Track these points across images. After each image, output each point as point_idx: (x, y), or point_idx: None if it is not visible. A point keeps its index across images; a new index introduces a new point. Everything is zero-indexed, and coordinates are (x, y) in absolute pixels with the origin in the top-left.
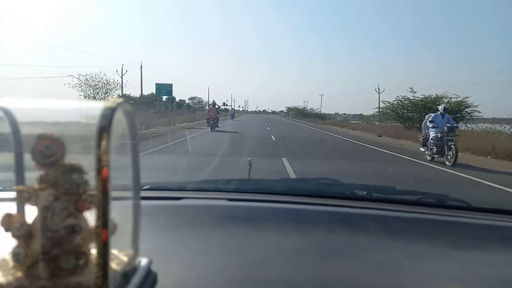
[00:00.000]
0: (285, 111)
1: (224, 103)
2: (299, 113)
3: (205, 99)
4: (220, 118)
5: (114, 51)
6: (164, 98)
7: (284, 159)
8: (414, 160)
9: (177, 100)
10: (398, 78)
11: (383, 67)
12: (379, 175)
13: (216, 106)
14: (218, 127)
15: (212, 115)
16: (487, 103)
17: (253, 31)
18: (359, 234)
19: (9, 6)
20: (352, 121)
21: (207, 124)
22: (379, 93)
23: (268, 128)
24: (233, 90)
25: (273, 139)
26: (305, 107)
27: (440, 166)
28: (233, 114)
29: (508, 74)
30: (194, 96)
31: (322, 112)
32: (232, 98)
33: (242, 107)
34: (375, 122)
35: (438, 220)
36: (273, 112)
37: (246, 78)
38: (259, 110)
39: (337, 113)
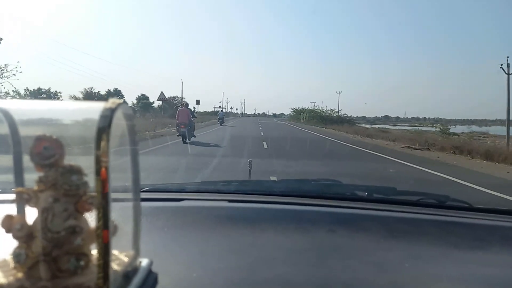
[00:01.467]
0: (288, 113)
1: (196, 103)
2: (315, 117)
3: (185, 98)
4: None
5: (107, 52)
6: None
7: None
8: None
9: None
10: (397, 78)
11: (383, 67)
12: None
13: (189, 107)
14: (195, 136)
15: (184, 119)
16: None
17: (249, 26)
18: (359, 235)
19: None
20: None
21: (178, 133)
22: (508, 74)
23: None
24: (227, 91)
25: None
26: (319, 108)
27: None
28: (222, 118)
29: None
30: (175, 95)
31: (347, 115)
32: (226, 99)
33: (237, 109)
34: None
35: (439, 221)
36: (274, 115)
37: (242, 78)
38: (257, 113)
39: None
